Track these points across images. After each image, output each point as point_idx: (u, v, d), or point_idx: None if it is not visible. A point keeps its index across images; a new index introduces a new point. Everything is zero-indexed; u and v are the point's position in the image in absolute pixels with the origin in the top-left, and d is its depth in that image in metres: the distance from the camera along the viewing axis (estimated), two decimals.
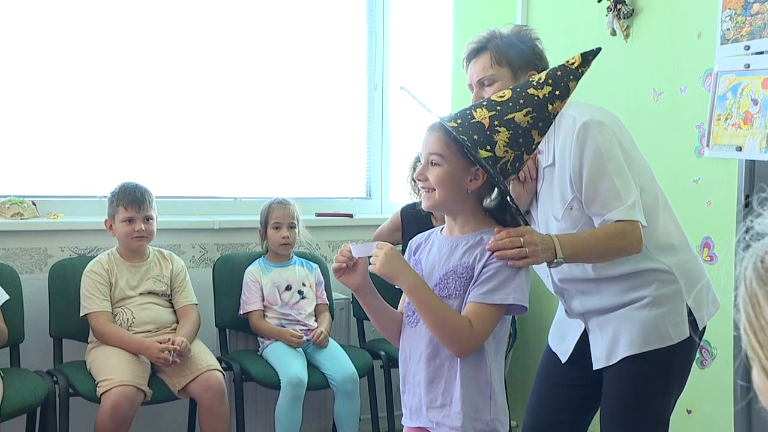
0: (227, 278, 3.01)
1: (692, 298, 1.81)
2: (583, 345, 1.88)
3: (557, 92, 1.54)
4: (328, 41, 3.50)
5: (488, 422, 1.53)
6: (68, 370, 2.63)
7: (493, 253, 1.52)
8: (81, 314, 2.67)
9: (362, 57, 3.58)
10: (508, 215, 1.58)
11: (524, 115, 1.51)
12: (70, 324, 2.73)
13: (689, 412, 2.58)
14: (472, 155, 1.50)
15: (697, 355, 2.61)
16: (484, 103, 1.54)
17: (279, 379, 2.72)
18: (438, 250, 1.60)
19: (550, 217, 1.81)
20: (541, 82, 1.55)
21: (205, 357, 2.69)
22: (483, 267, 1.52)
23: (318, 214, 3.37)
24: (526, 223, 1.59)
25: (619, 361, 1.80)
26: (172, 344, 2.57)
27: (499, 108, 1.52)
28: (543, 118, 1.54)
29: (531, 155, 1.58)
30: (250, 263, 3.02)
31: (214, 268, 3.04)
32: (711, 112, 2.44)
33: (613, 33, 2.81)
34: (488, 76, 1.81)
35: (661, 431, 1.85)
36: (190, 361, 2.63)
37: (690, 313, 1.80)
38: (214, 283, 3.02)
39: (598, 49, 1.60)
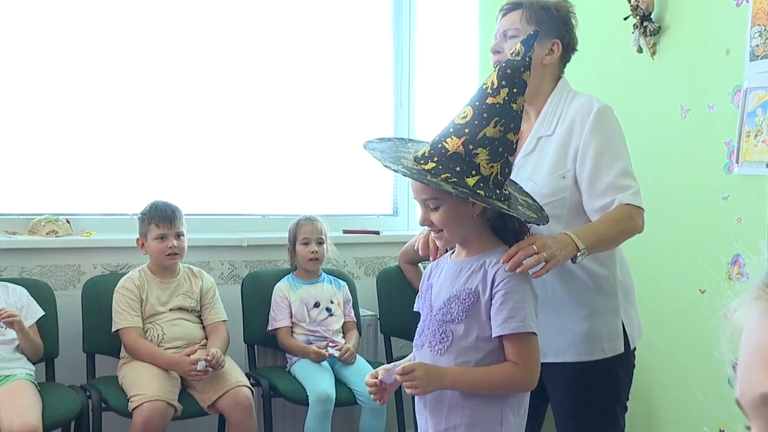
0: (256, 295, 3.04)
1: (625, 314, 1.87)
2: None
3: (515, 89, 1.53)
4: (355, 60, 3.54)
5: None
6: (101, 385, 2.67)
7: (498, 282, 1.52)
8: (113, 330, 2.72)
9: (389, 75, 3.62)
10: (510, 224, 1.58)
11: (494, 127, 1.51)
12: (102, 339, 2.78)
13: None
14: (461, 195, 1.48)
15: (729, 373, 2.58)
16: (451, 130, 1.53)
17: (307, 395, 2.73)
18: (446, 274, 1.61)
19: (526, 180, 1.82)
20: (495, 87, 1.53)
21: (234, 373, 2.72)
22: (491, 298, 1.52)
23: (345, 231, 3.40)
24: (528, 229, 1.61)
25: (558, 368, 1.82)
26: (207, 356, 2.61)
27: (467, 130, 1.51)
28: (512, 119, 1.54)
29: (515, 154, 1.59)
30: (279, 280, 3.05)
31: (242, 284, 3.08)
32: (740, 129, 2.43)
33: (639, 50, 2.81)
34: (513, 29, 1.87)
35: None
36: (220, 376, 2.66)
37: (624, 328, 1.86)
38: (243, 299, 3.05)
39: (536, 32, 1.65)
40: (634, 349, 1.91)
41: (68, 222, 2.96)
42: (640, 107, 2.84)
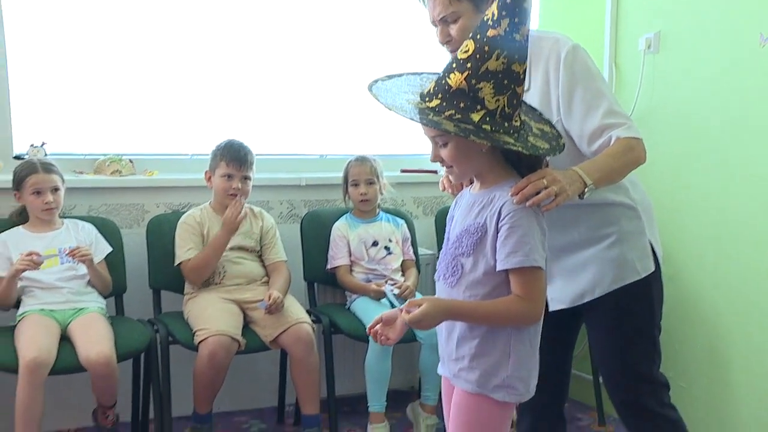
0: (315, 234, 3.06)
1: (650, 233, 1.89)
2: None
3: (516, 20, 1.45)
4: None
5: (505, 378, 1.51)
6: (167, 320, 2.75)
7: (504, 215, 1.49)
8: (175, 263, 2.78)
9: None
10: (523, 155, 1.54)
11: (496, 60, 1.44)
12: (167, 276, 2.85)
13: None
14: (462, 133, 1.45)
15: None
16: (454, 65, 1.49)
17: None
18: (463, 207, 1.60)
19: None
20: (495, 18, 1.45)
21: (295, 310, 2.75)
22: (497, 232, 1.50)
23: (403, 171, 3.37)
24: (543, 159, 1.57)
25: (596, 301, 1.85)
26: (268, 298, 2.65)
27: (469, 65, 1.45)
28: (516, 50, 1.47)
29: (523, 84, 1.53)
30: (337, 219, 3.06)
31: (301, 224, 3.10)
32: None
33: None
34: (450, 14, 1.81)
35: (657, 360, 1.90)
36: (281, 313, 2.70)
37: (652, 247, 1.88)
38: (302, 238, 3.07)
39: None
40: (660, 268, 1.92)
41: (131, 162, 3.02)
42: (714, 36, 2.71)
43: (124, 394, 2.68)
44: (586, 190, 1.63)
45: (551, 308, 1.90)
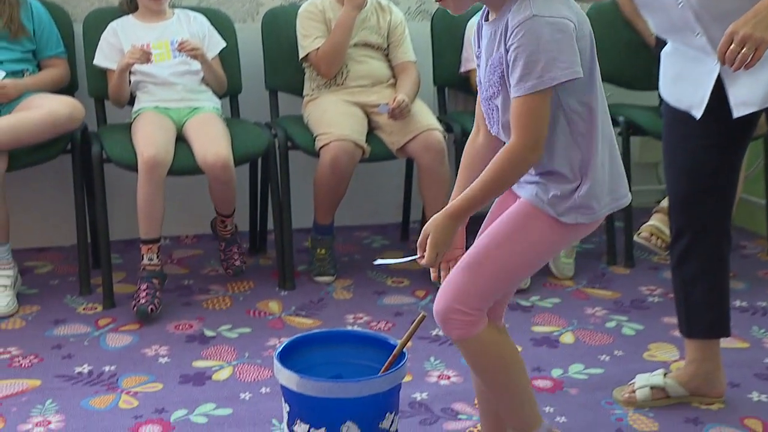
0: (447, 33, 2.75)
1: None
2: (717, 92, 1.65)
3: None
4: None
5: (576, 198, 1.32)
6: (286, 123, 2.56)
7: (509, 36, 1.24)
8: (301, 56, 2.55)
9: None
10: None
11: None
12: (284, 76, 2.65)
13: None
14: None
15: None
16: None
17: None
18: (485, 42, 1.35)
19: None
20: None
21: (425, 116, 2.51)
22: (508, 55, 1.26)
23: None
24: None
25: None
26: (393, 101, 2.40)
27: None
28: None
29: None
30: (472, 16, 2.69)
31: (432, 21, 2.78)
32: None
33: None
34: None
35: None
36: (409, 119, 2.46)
37: None
38: (433, 38, 2.76)
39: None
40: None
41: None
42: None
43: (242, 203, 2.57)
44: None
45: (736, 114, 1.62)
